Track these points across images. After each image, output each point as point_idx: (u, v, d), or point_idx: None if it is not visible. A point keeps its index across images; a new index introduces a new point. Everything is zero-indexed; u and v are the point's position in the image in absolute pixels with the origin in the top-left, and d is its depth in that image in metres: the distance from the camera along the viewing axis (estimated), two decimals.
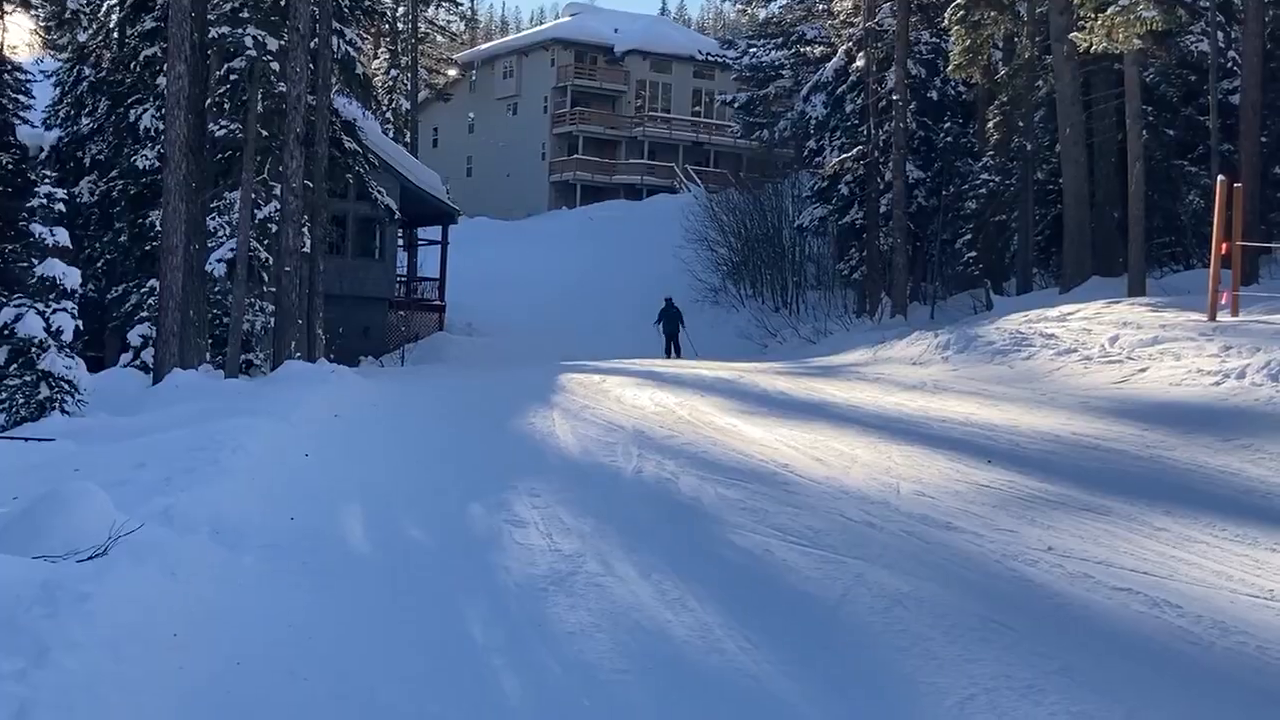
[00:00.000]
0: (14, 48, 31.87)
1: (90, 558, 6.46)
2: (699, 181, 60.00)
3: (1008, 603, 7.53)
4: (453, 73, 64.02)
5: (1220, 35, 28.82)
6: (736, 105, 56.13)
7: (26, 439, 14.50)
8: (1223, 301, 17.92)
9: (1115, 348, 17.05)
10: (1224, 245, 18.21)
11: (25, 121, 30.57)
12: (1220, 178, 19.05)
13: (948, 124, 37.83)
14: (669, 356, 32.61)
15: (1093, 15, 23.74)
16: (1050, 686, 6.15)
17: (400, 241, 44.43)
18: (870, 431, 13.51)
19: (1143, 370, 15.73)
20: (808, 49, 46.62)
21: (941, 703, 6.03)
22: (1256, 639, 6.76)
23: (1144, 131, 25.76)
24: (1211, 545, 8.53)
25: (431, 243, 44.82)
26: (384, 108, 51.15)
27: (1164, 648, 6.72)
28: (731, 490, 10.69)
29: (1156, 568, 8.05)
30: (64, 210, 22.60)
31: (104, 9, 33.94)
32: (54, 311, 20.29)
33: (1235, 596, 7.48)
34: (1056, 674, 6.33)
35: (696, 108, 68.90)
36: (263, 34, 25.87)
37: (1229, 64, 28.95)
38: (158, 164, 28.03)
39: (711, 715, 6.00)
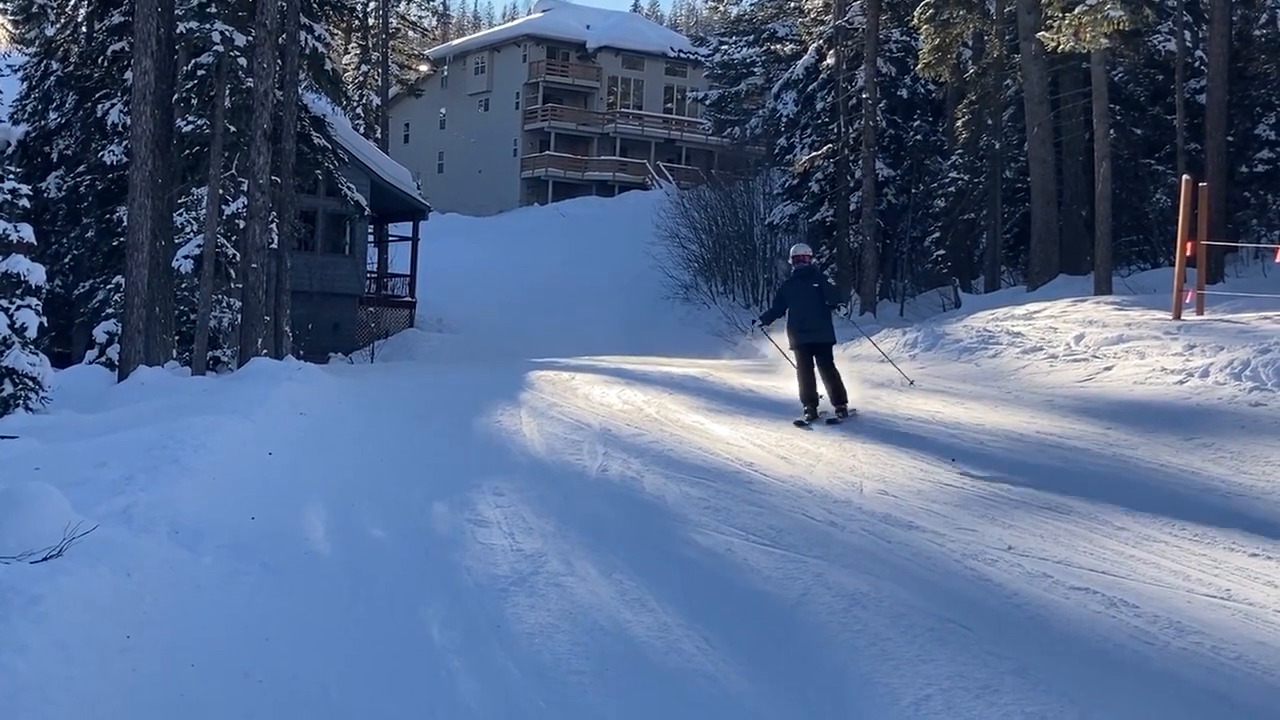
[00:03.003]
0: None
1: (44, 559, 6.41)
2: (670, 178, 60.06)
3: (966, 603, 7.55)
4: (424, 68, 63.76)
5: (1187, 34, 29.01)
6: (708, 102, 56.16)
7: None
8: (1188, 300, 18.01)
9: (1081, 346, 17.12)
10: (1189, 244, 18.30)
11: None
12: (1185, 177, 19.14)
13: (917, 122, 37.96)
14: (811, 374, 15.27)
15: (1060, 14, 23.83)
16: (1005, 687, 6.18)
17: (370, 237, 44.30)
18: (835, 430, 13.53)
19: (1108, 369, 15.79)
20: (779, 46, 46.79)
21: (897, 703, 6.05)
22: (1211, 639, 6.80)
23: (1111, 130, 25.89)
24: (1170, 545, 8.57)
25: (402, 239, 44.70)
26: (354, 103, 50.96)
27: (1119, 648, 6.75)
28: (695, 489, 10.70)
29: (1115, 567, 8.09)
30: (29, 206, 22.41)
31: (71, 3, 33.77)
32: (18, 308, 20.15)
33: (1192, 596, 7.52)
34: (1012, 674, 6.35)
35: (668, 104, 68.96)
36: (230, 29, 25.74)
37: (1196, 63, 29.13)
38: (125, 159, 27.84)
39: (668, 716, 6.00)
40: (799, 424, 13.98)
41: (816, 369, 14.39)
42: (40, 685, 5.03)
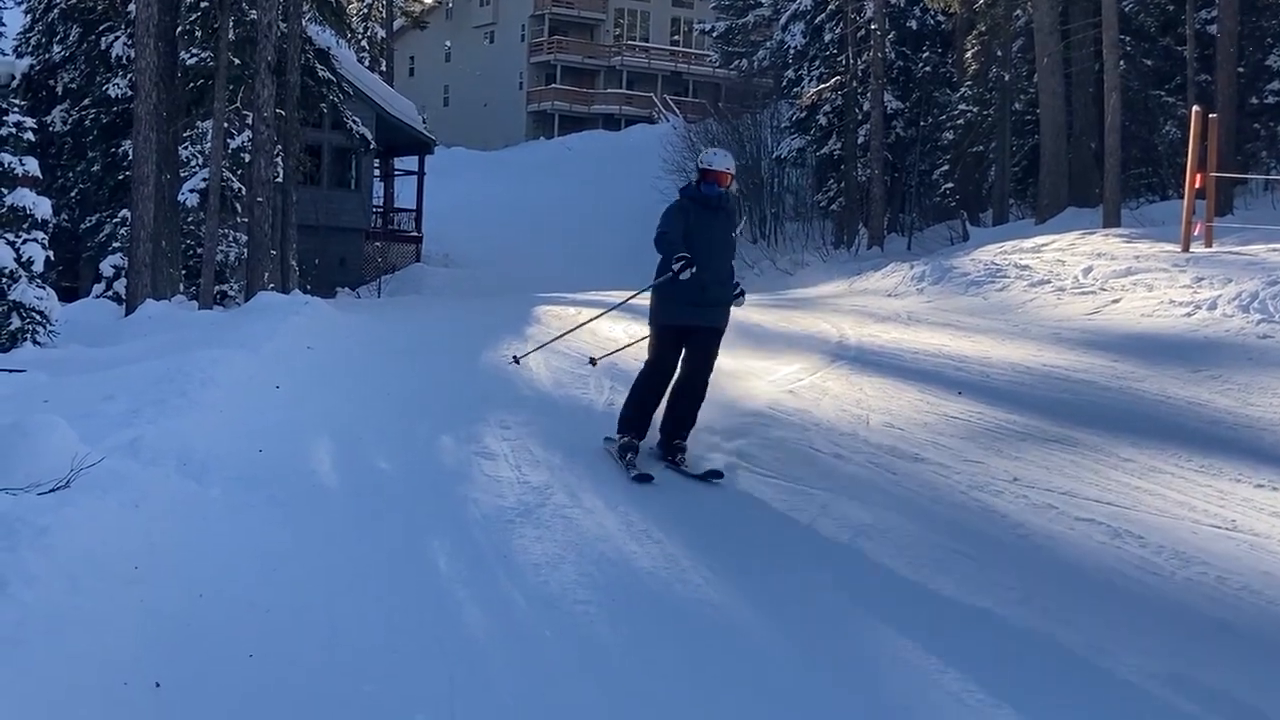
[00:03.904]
0: None
1: (52, 490, 6.43)
2: (677, 112, 59.73)
3: (971, 533, 7.57)
4: (429, 0, 63.36)
5: None
6: (715, 35, 55.81)
7: None
8: (1196, 233, 17.93)
9: (1089, 279, 17.06)
10: (1198, 176, 18.20)
11: None
12: (1195, 108, 19.01)
13: (926, 54, 37.65)
14: None
15: None
16: (1010, 616, 6.20)
17: (376, 172, 44.17)
18: (843, 363, 13.52)
19: (1115, 301, 15.75)
20: None
21: (902, 631, 6.07)
22: (1216, 569, 6.81)
23: (1121, 61, 25.68)
24: (1176, 476, 8.58)
25: (408, 173, 44.53)
26: (358, 36, 50.60)
27: (1124, 578, 6.77)
28: (700, 422, 10.69)
29: (1120, 498, 8.09)
30: (34, 139, 22.34)
31: None
32: (24, 242, 20.16)
33: (1197, 527, 7.53)
34: (1017, 604, 6.38)
35: (675, 37, 68.46)
36: None
37: None
38: (130, 93, 27.76)
39: (675, 645, 6.03)
40: (627, 460, 9.25)
41: (680, 374, 9.53)
42: (48, 615, 5.06)
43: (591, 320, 11.68)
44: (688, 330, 9.40)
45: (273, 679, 5.24)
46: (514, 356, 12.53)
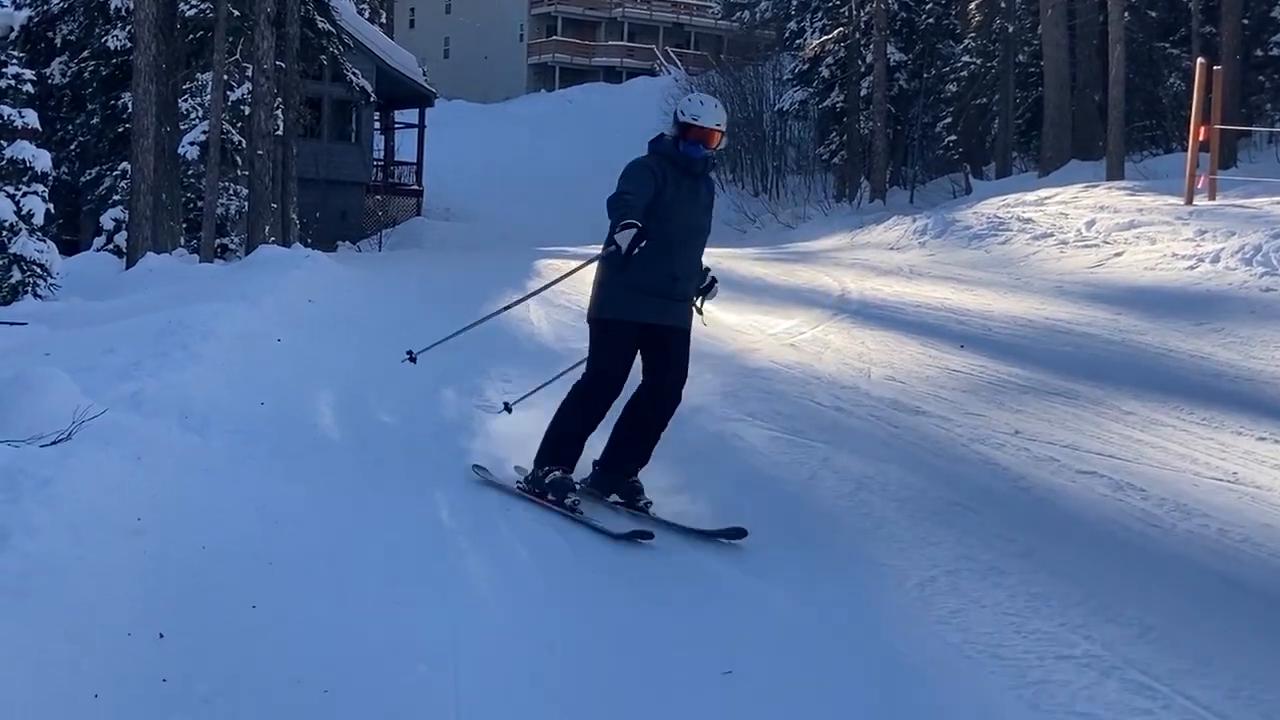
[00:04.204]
0: None
1: (54, 442, 6.43)
2: (679, 64, 59.45)
3: (972, 486, 7.58)
4: None
5: None
6: None
7: None
8: (1200, 185, 17.88)
9: (1091, 232, 17.04)
10: (1202, 129, 18.13)
11: None
12: (1200, 60, 18.92)
13: (929, 5, 37.45)
14: None
15: None
16: (1011, 569, 6.21)
17: (376, 125, 44.00)
18: (844, 316, 13.51)
19: (1118, 254, 15.74)
20: None
21: (903, 585, 6.08)
22: (1218, 522, 6.82)
23: (1125, 13, 25.53)
24: (1178, 429, 8.58)
25: (408, 126, 44.37)
26: None
27: (1126, 530, 6.78)
28: (701, 375, 10.68)
29: (1122, 451, 8.10)
30: (33, 92, 22.25)
31: None
32: (25, 194, 20.13)
33: (1199, 479, 7.54)
34: (1017, 556, 6.38)
35: None
36: None
37: None
38: (129, 44, 27.59)
39: (673, 597, 6.04)
40: (568, 504, 7.13)
41: (642, 389, 7.40)
42: (52, 566, 5.06)
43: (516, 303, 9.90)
44: (650, 330, 7.13)
45: (275, 630, 5.25)
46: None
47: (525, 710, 4.70)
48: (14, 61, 21.79)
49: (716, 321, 13.55)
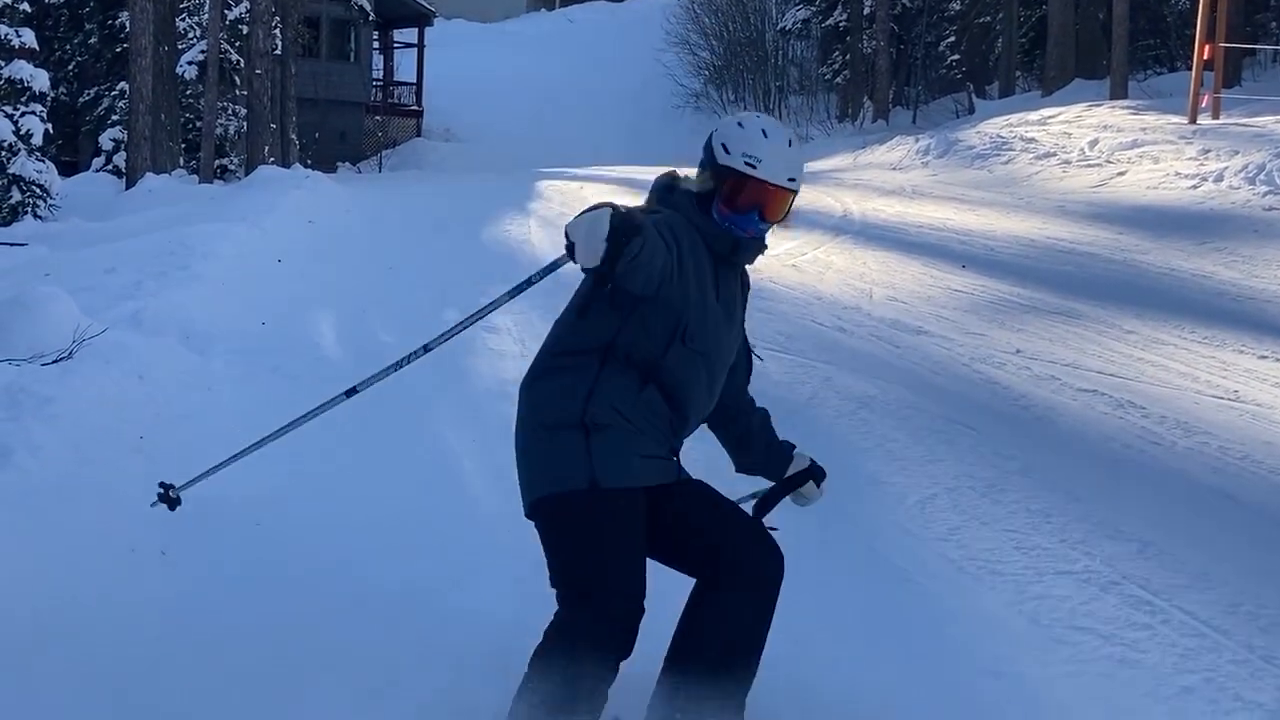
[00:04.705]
0: None
1: (55, 361, 6.44)
2: None
3: (973, 405, 7.58)
4: None
5: None
6: None
7: None
8: (1203, 104, 17.74)
9: (1094, 151, 16.93)
10: (1206, 47, 17.96)
11: None
12: None
13: None
14: None
15: None
16: (1010, 486, 6.22)
17: (375, 44, 43.61)
18: (846, 237, 13.46)
19: (1121, 174, 15.64)
20: None
21: (903, 502, 6.10)
22: (1218, 439, 6.83)
23: None
24: (1179, 347, 8.57)
25: (408, 45, 43.97)
26: None
27: (1126, 448, 6.79)
28: None
29: (1123, 369, 8.10)
30: (30, 11, 22.07)
31: None
32: (23, 114, 20.03)
33: (1200, 397, 7.54)
34: (1017, 474, 6.40)
35: None
36: None
37: None
38: None
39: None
40: None
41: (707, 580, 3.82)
42: (56, 484, 5.08)
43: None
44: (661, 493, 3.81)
45: (278, 547, 5.28)
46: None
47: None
48: None
49: None
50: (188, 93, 28.02)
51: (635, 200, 3.92)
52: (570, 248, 3.31)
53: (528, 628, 3.68)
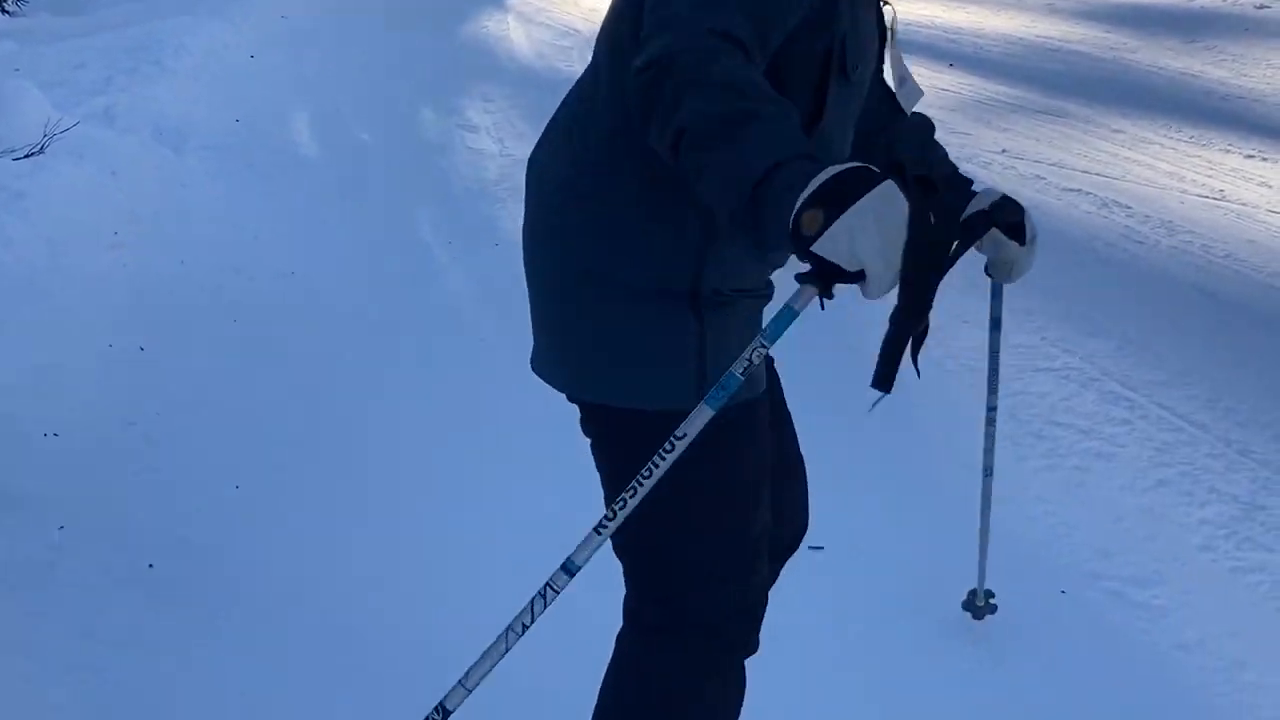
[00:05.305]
0: None
1: (26, 155, 6.31)
2: None
3: None
4: None
5: None
6: None
7: None
8: None
9: None
10: None
11: None
12: None
13: None
14: None
15: None
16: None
17: None
18: None
19: None
20: None
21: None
22: (1202, 238, 6.81)
23: None
24: (1166, 146, 8.50)
25: None
26: None
27: (1109, 246, 6.77)
28: None
29: (1109, 169, 8.03)
30: None
31: None
32: None
33: (1185, 196, 7.50)
34: None
35: None
36: None
37: None
38: None
39: None
40: None
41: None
42: (30, 277, 5.02)
43: None
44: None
45: (256, 343, 5.25)
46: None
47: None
48: None
49: None
50: None
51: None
52: (833, 274, 1.63)
53: None
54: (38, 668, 3.05)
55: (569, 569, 1.89)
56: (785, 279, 1.89)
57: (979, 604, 3.57)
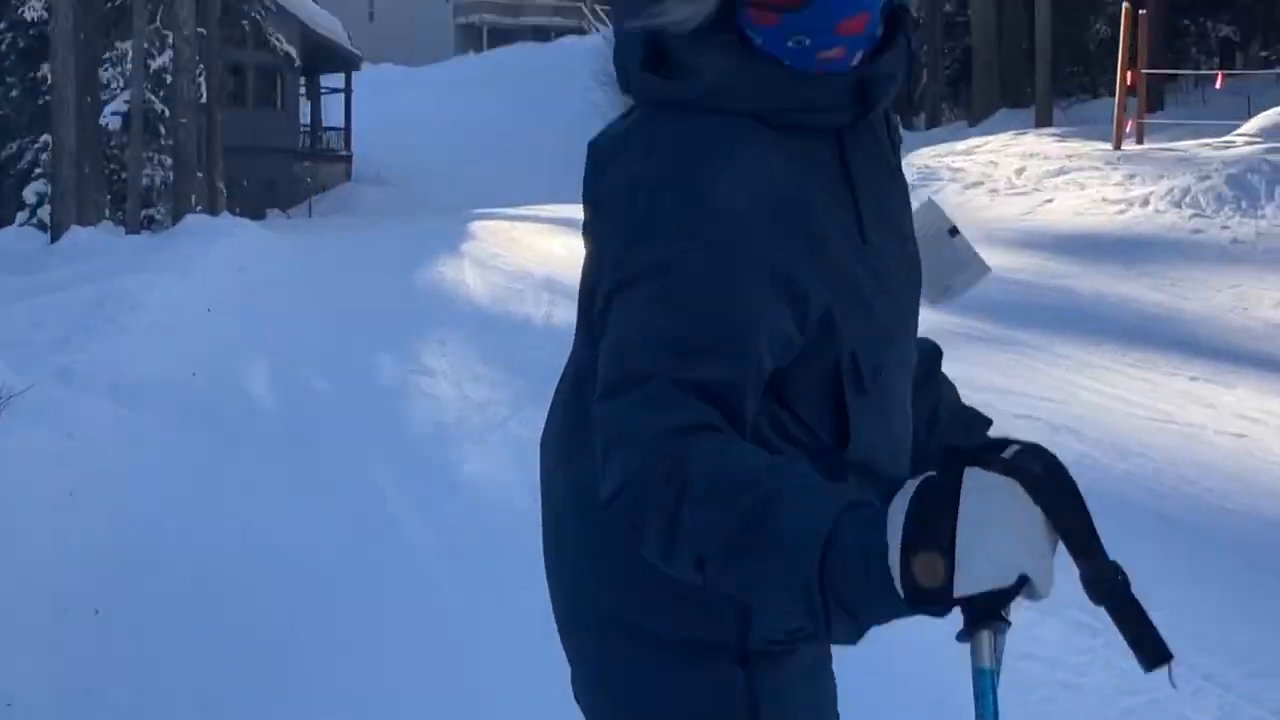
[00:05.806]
0: None
1: None
2: (606, 21, 59.13)
3: None
4: None
5: None
6: None
7: None
8: (1128, 130, 18.01)
9: (1021, 179, 17.10)
10: (1129, 73, 18.24)
11: None
12: (1125, 5, 18.98)
13: None
14: None
15: None
16: None
17: (303, 91, 43.46)
18: None
19: (1049, 201, 15.80)
20: None
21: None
22: (1154, 461, 6.88)
23: None
24: (1112, 370, 8.65)
25: (335, 91, 43.86)
26: None
27: None
28: None
29: (1057, 393, 8.15)
30: None
31: None
32: None
33: (1133, 419, 7.60)
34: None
35: None
36: None
37: None
38: (46, 15, 27.07)
39: None
40: None
41: None
42: None
43: None
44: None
45: (213, 605, 5.18)
46: None
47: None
48: None
49: None
50: (112, 144, 27.77)
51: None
52: (998, 602, 1.42)
53: None
54: None
55: None
56: None
57: None
